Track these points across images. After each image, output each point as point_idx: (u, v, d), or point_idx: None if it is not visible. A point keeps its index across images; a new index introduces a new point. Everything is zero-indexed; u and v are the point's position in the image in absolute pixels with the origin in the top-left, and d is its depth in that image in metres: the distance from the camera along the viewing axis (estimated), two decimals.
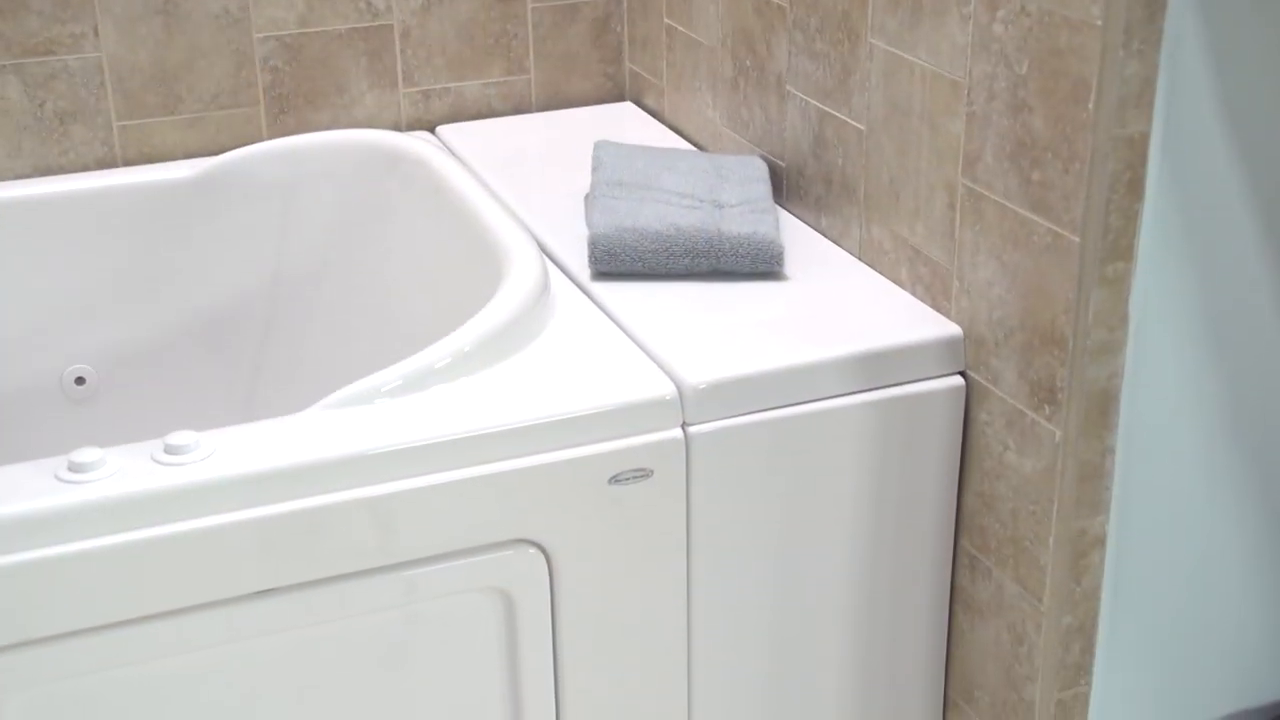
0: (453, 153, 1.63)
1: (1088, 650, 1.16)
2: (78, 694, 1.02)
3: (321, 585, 1.07)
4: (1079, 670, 1.17)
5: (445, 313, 1.31)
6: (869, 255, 1.34)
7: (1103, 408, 1.09)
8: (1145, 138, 1.03)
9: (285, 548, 1.04)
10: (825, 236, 1.40)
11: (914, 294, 1.27)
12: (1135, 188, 1.04)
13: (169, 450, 1.04)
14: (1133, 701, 1.20)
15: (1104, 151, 1.03)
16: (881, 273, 1.32)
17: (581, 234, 1.39)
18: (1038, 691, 1.18)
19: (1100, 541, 1.13)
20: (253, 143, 1.62)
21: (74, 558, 0.99)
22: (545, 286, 1.26)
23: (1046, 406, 1.12)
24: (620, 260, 1.31)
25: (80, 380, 1.58)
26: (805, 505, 1.20)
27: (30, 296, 1.54)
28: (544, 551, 1.12)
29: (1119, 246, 1.05)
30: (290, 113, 1.65)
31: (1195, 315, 1.10)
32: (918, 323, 1.23)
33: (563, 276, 1.33)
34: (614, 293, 1.30)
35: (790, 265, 1.34)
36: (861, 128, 1.31)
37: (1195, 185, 1.06)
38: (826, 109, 1.36)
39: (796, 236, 1.40)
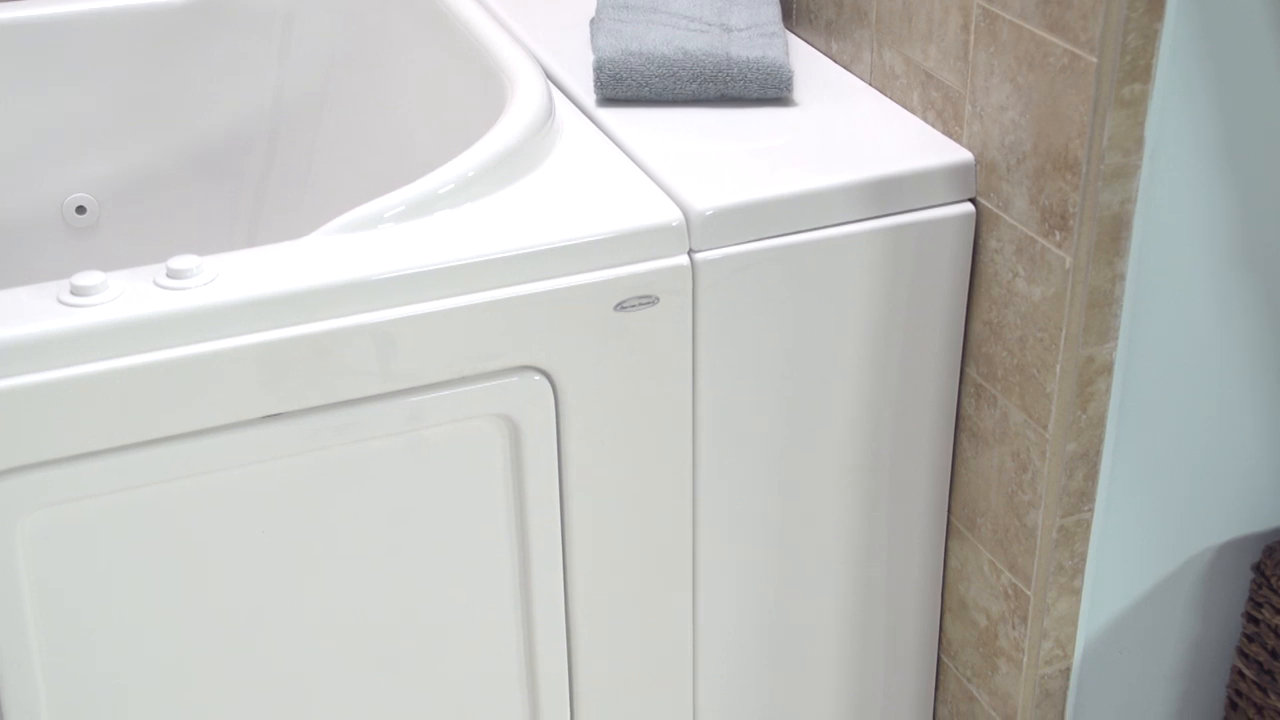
0: None
1: (1091, 477, 1.17)
2: (85, 517, 1.03)
3: (327, 411, 1.07)
4: (1082, 497, 1.17)
5: (449, 138, 1.29)
6: (880, 80, 1.31)
7: (1114, 233, 1.08)
8: None
9: (290, 373, 1.04)
10: (835, 62, 1.37)
11: (925, 119, 1.25)
12: (1155, 6, 1.01)
13: (171, 274, 1.03)
14: (1135, 527, 1.21)
15: None
16: (892, 98, 1.30)
17: (587, 59, 1.36)
18: (1040, 517, 1.18)
19: (1107, 369, 1.13)
20: None
21: (76, 381, 0.98)
22: (550, 112, 1.24)
23: (1057, 233, 1.10)
24: (626, 85, 1.28)
25: (81, 209, 1.56)
26: (812, 333, 1.19)
27: (27, 124, 1.52)
28: (549, 378, 1.12)
29: (1137, 67, 1.03)
30: None
31: (1212, 139, 1.08)
32: (928, 149, 1.21)
33: (568, 102, 1.31)
34: (620, 118, 1.28)
35: (799, 91, 1.32)
36: None
37: (1217, 3, 1.03)
38: None
39: (806, 62, 1.37)
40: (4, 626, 1.02)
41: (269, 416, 1.05)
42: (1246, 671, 1.26)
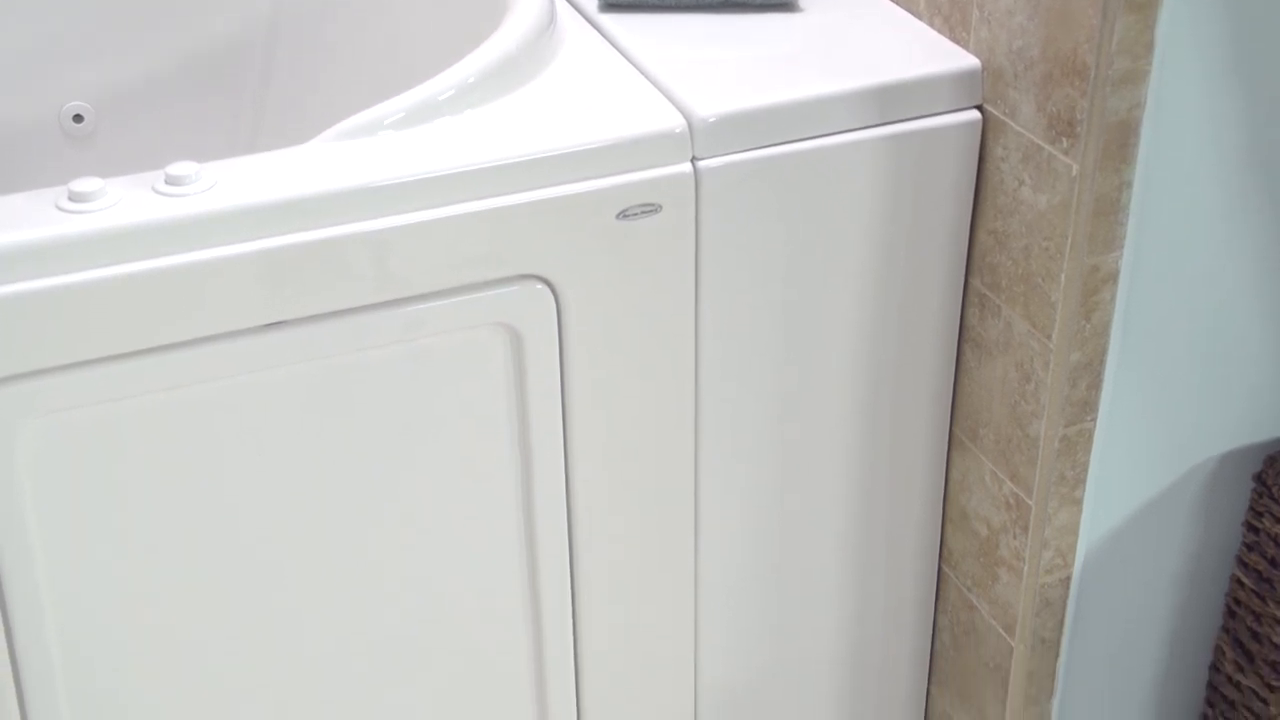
0: None
1: (1094, 387, 1.17)
2: (86, 424, 1.03)
3: (328, 319, 1.06)
4: (1085, 407, 1.17)
5: (451, 44, 1.28)
6: None
7: (1122, 140, 1.07)
8: None
9: (289, 281, 1.03)
10: None
11: (932, 25, 1.23)
12: None
13: (170, 181, 1.03)
14: (1138, 436, 1.21)
15: None
16: (898, 3, 1.28)
17: None
18: (1042, 427, 1.18)
19: (1112, 278, 1.12)
20: None
21: (74, 288, 0.98)
22: (551, 17, 1.22)
23: (1064, 140, 1.09)
24: None
25: (78, 118, 1.55)
26: (815, 242, 1.19)
27: (24, 30, 1.51)
28: (551, 287, 1.11)
29: None
30: None
31: (1223, 44, 1.06)
32: (934, 55, 1.19)
33: (570, 8, 1.30)
34: (622, 24, 1.26)
35: None
36: None
37: None
38: None
39: None
40: (6, 536, 1.03)
41: (269, 325, 1.05)
42: (1246, 580, 1.26)
